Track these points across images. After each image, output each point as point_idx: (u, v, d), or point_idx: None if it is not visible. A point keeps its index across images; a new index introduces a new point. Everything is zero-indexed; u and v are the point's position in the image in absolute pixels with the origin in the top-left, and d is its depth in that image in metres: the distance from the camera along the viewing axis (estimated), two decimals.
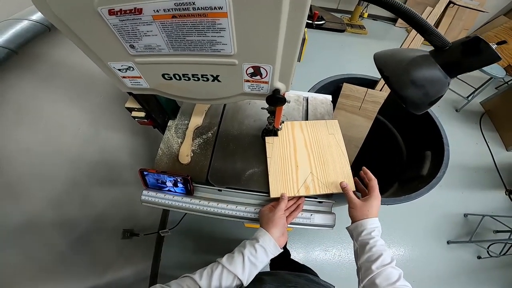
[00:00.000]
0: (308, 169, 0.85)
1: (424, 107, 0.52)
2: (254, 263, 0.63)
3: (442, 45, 0.45)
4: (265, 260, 0.65)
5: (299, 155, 0.88)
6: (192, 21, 0.38)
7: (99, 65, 0.52)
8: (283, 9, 0.36)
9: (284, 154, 0.88)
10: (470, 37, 0.44)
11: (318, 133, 0.93)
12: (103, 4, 0.36)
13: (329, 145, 0.91)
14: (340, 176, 0.84)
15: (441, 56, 0.46)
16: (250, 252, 0.63)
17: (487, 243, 2.08)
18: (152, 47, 0.45)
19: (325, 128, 0.94)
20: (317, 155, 0.88)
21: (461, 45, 0.45)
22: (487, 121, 3.08)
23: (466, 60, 0.45)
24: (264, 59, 0.46)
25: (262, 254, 0.64)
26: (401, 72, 0.48)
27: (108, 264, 1.25)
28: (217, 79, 0.52)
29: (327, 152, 0.89)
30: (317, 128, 0.94)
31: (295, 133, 0.93)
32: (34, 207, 0.78)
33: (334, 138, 0.92)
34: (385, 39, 4.08)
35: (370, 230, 0.68)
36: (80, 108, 0.92)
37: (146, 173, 0.81)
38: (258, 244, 0.65)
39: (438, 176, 1.24)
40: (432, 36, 0.44)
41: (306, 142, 0.91)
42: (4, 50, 0.57)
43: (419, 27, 0.43)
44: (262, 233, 0.68)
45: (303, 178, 0.83)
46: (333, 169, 0.86)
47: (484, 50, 0.43)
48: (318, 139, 0.92)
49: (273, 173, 0.84)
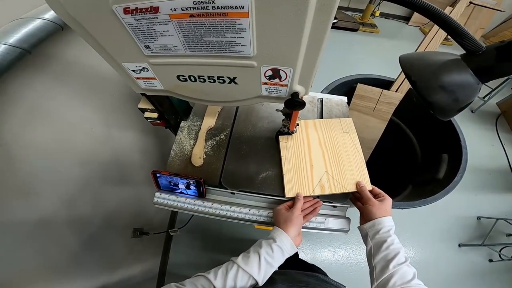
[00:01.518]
0: (323, 168, 0.83)
1: (453, 113, 0.49)
2: (270, 263, 0.62)
3: (475, 49, 0.42)
4: (281, 260, 0.64)
5: (314, 154, 0.86)
6: (211, 20, 0.36)
7: (112, 65, 0.51)
8: (309, 10, 0.34)
9: (299, 153, 0.86)
10: (505, 41, 0.41)
11: (332, 131, 0.91)
12: (118, 2, 0.35)
13: (344, 143, 0.88)
14: (356, 175, 0.82)
15: (473, 60, 0.44)
16: (266, 252, 0.62)
17: (499, 246, 2.04)
18: (168, 48, 0.43)
19: (339, 127, 0.92)
20: (332, 154, 0.86)
21: (495, 50, 0.42)
22: (503, 122, 2.99)
23: (500, 65, 0.42)
24: (285, 61, 0.44)
25: (279, 253, 0.63)
26: (429, 76, 0.46)
27: (118, 263, 1.26)
28: (234, 81, 0.50)
29: (342, 151, 0.87)
30: (331, 127, 0.92)
31: (309, 131, 0.91)
32: (47, 206, 0.78)
33: (349, 137, 0.90)
34: (397, 38, 3.99)
35: (388, 228, 0.67)
36: (92, 107, 0.92)
37: (158, 175, 0.80)
38: (275, 244, 0.64)
39: (455, 180, 1.21)
40: (465, 40, 0.42)
41: (321, 140, 0.89)
42: (17, 49, 0.56)
43: (452, 30, 0.41)
44: (279, 233, 0.67)
45: (318, 177, 0.81)
46: (349, 168, 0.83)
47: None
48: (332, 137, 0.89)
49: (287, 172, 0.82)
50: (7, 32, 0.56)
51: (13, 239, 0.68)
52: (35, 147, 0.71)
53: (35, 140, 0.71)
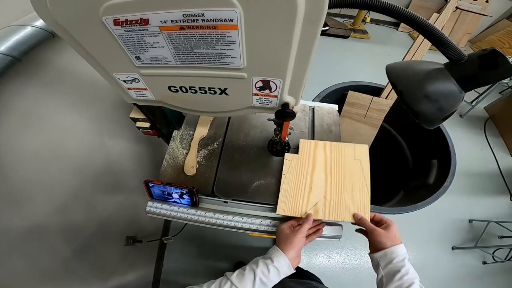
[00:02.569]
0: (322, 193, 0.80)
1: (437, 122, 0.50)
2: (265, 282, 0.61)
3: (458, 58, 0.43)
4: (276, 280, 0.64)
5: (316, 178, 0.83)
6: (200, 33, 0.36)
7: (103, 75, 0.51)
8: (297, 22, 0.34)
9: (301, 173, 0.84)
10: (487, 50, 0.42)
11: (342, 157, 0.87)
12: (108, 14, 0.35)
13: (351, 171, 0.84)
14: (357, 206, 0.78)
15: (456, 69, 0.45)
16: (262, 271, 0.61)
17: (492, 248, 2.07)
18: (158, 59, 0.43)
19: (352, 152, 0.88)
20: (335, 180, 0.82)
21: (477, 59, 0.43)
22: (491, 127, 3.05)
23: (483, 74, 0.43)
24: (274, 73, 0.44)
25: (275, 274, 0.62)
26: (414, 86, 0.47)
27: (111, 271, 1.25)
28: (225, 92, 0.51)
29: (347, 179, 0.83)
30: (342, 151, 0.88)
31: (317, 153, 0.87)
32: (39, 213, 0.78)
33: (359, 165, 0.85)
34: (388, 43, 4.06)
35: (402, 257, 0.64)
36: (84, 115, 0.92)
37: (151, 184, 0.80)
38: (272, 265, 0.63)
39: (445, 185, 1.23)
40: (447, 49, 0.43)
41: (327, 164, 0.85)
42: (7, 57, 0.55)
43: (435, 39, 0.42)
44: (277, 254, 0.65)
45: (314, 201, 0.79)
46: (350, 197, 0.79)
47: (502, 64, 0.41)
48: (340, 163, 0.86)
49: (284, 190, 0.81)
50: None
51: (4, 246, 0.67)
52: (27, 155, 0.71)
53: (27, 148, 0.70)
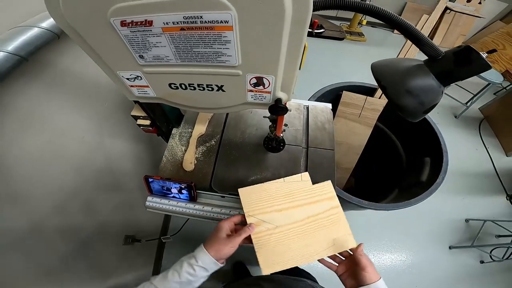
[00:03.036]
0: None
1: (420, 115, 0.53)
2: (192, 281, 0.62)
3: (435, 55, 0.47)
4: (206, 275, 0.65)
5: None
6: (199, 33, 0.40)
7: (108, 73, 0.54)
8: (285, 24, 0.38)
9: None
10: (461, 46, 0.46)
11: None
12: (116, 16, 0.38)
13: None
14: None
15: (434, 65, 0.48)
16: (188, 272, 0.62)
17: (490, 247, 2.09)
18: (160, 58, 0.47)
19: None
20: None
21: (453, 55, 0.46)
22: (486, 127, 3.10)
23: (458, 69, 0.47)
24: (267, 70, 0.48)
25: (202, 272, 0.63)
26: (397, 82, 0.50)
27: (110, 270, 1.26)
28: (222, 89, 0.54)
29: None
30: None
31: None
32: (39, 213, 0.79)
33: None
34: (383, 46, 4.13)
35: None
36: (85, 115, 0.93)
37: (151, 179, 0.83)
38: (196, 265, 0.63)
39: (437, 182, 1.26)
40: (425, 47, 0.46)
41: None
42: (15, 57, 0.57)
43: (413, 37, 0.46)
44: (202, 254, 0.64)
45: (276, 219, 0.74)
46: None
47: (475, 60, 0.45)
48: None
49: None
50: (6, 40, 0.57)
51: (5, 245, 0.68)
52: (28, 154, 0.72)
53: (28, 148, 0.72)
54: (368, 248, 2.05)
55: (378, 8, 0.45)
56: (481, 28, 4.20)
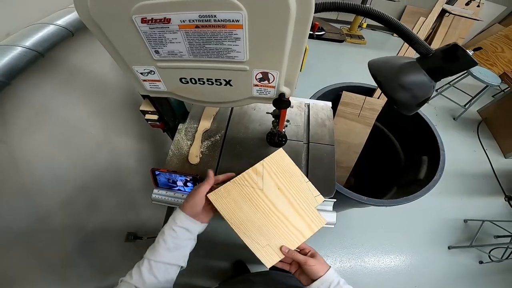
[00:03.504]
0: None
1: (413, 108, 0.58)
2: (180, 244, 0.62)
3: (426, 52, 0.52)
4: (191, 237, 0.65)
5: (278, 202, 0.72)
6: (212, 31, 0.44)
7: (122, 68, 0.58)
8: (290, 23, 0.42)
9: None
10: (449, 45, 0.50)
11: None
12: (138, 13, 0.42)
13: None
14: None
15: (425, 62, 0.53)
16: (171, 235, 0.61)
17: (488, 248, 2.10)
18: (174, 53, 0.51)
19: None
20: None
21: (441, 52, 0.51)
22: (484, 129, 3.14)
23: (447, 66, 0.51)
24: (272, 65, 0.52)
25: (184, 233, 0.63)
26: (391, 77, 0.55)
27: (111, 267, 1.27)
28: (229, 84, 0.58)
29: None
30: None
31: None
32: (45, 207, 0.80)
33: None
34: (383, 49, 4.18)
35: (337, 279, 0.62)
36: (92, 111, 0.95)
37: (157, 172, 0.86)
38: (176, 226, 0.62)
39: (434, 179, 1.29)
40: (416, 45, 0.51)
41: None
42: (32, 52, 0.60)
43: (405, 36, 0.50)
44: (176, 214, 0.64)
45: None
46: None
47: (461, 56, 0.49)
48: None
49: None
50: (24, 36, 0.60)
51: (11, 238, 0.70)
52: (37, 148, 0.73)
53: (38, 141, 0.74)
54: (367, 248, 2.07)
55: (373, 10, 0.49)
56: (480, 31, 4.26)
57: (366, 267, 1.98)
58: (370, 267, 1.99)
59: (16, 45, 0.58)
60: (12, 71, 0.56)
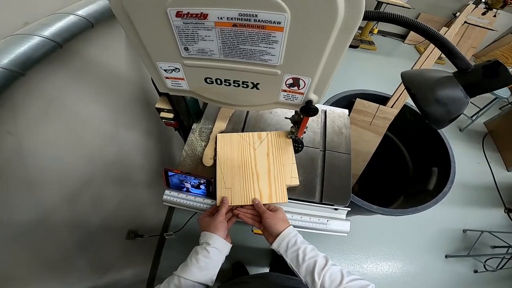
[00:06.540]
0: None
1: (445, 123, 0.56)
2: (210, 264, 0.65)
3: (465, 67, 0.50)
4: (221, 258, 0.68)
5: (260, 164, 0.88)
6: (249, 31, 0.42)
7: (145, 63, 0.56)
8: (335, 29, 0.40)
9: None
10: (491, 61, 0.48)
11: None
12: (174, 6, 0.40)
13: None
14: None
15: (463, 77, 0.51)
16: (204, 255, 0.65)
17: (485, 257, 2.11)
18: (204, 51, 0.48)
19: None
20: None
21: (482, 68, 0.49)
22: (489, 142, 3.13)
23: (486, 82, 0.49)
24: (306, 71, 0.50)
25: (216, 254, 0.66)
26: (426, 90, 0.53)
27: (110, 264, 1.25)
28: (256, 87, 0.56)
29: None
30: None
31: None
32: (49, 201, 0.78)
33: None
34: (393, 55, 4.16)
35: (294, 239, 0.67)
36: (103, 105, 0.93)
37: (171, 173, 0.83)
38: (210, 247, 0.66)
39: (444, 191, 1.28)
40: (457, 59, 0.49)
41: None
42: (51, 42, 0.57)
43: (446, 49, 0.48)
44: (208, 235, 0.69)
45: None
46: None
47: (502, 73, 0.47)
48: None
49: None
50: (43, 25, 0.57)
51: (12, 233, 0.68)
52: (46, 141, 0.72)
53: (48, 134, 0.71)
54: (366, 254, 2.08)
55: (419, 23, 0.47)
56: (491, 41, 4.23)
57: (364, 273, 1.99)
58: (368, 273, 2.00)
59: (34, 35, 0.54)
60: (28, 61, 0.53)
